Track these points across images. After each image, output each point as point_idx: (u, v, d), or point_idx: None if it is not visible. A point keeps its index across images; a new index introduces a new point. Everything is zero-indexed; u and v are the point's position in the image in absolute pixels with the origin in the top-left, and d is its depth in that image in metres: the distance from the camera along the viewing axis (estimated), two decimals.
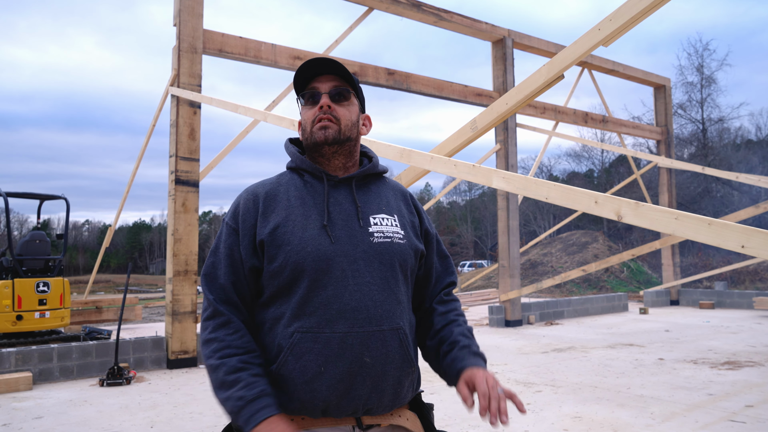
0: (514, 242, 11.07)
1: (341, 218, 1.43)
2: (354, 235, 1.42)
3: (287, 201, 1.45)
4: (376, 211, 1.48)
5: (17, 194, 9.87)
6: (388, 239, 1.44)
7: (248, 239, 1.42)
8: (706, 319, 11.83)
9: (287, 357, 1.34)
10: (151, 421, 4.97)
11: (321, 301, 1.36)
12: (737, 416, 4.72)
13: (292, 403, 1.35)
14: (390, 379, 1.39)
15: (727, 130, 31.57)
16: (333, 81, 1.50)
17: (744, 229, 2.05)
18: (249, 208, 1.45)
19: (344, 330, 1.34)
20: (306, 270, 1.36)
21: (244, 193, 1.50)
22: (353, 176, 1.50)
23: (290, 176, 1.53)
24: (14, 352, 6.56)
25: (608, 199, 2.53)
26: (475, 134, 3.70)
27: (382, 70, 9.59)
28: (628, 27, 2.93)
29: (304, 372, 1.33)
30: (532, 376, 6.50)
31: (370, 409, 1.39)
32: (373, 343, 1.36)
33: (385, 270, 1.42)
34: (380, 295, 1.39)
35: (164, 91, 8.05)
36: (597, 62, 13.25)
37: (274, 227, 1.40)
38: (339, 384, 1.33)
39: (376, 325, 1.37)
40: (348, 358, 1.33)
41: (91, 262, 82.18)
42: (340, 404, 1.35)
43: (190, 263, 7.61)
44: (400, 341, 1.41)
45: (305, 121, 1.51)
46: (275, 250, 1.38)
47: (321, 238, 1.39)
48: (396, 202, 1.55)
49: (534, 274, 24.09)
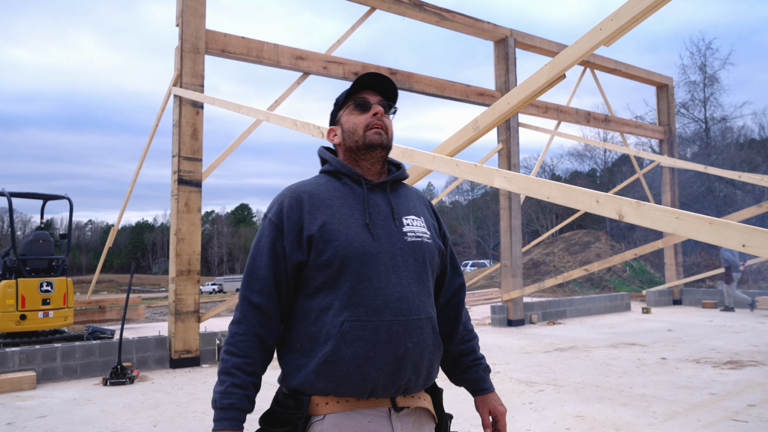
0: (517, 242, 11.07)
1: (380, 218, 1.58)
2: (392, 234, 1.57)
3: (330, 200, 1.58)
4: (406, 213, 1.65)
5: (21, 194, 9.90)
6: (419, 238, 1.62)
7: (293, 235, 1.54)
8: (708, 319, 11.81)
9: (339, 344, 1.47)
10: (154, 420, 4.99)
11: (368, 292, 1.49)
12: (740, 415, 4.71)
13: (344, 387, 1.48)
14: (425, 362, 1.56)
15: (730, 130, 31.49)
16: (379, 98, 1.67)
17: (745, 228, 2.05)
18: (293, 207, 1.57)
19: (390, 318, 1.50)
20: (353, 264, 1.50)
21: (287, 192, 1.61)
22: (387, 181, 1.66)
23: (327, 179, 1.65)
24: (18, 351, 6.58)
25: (609, 198, 2.54)
26: (476, 134, 3.71)
27: (385, 70, 9.60)
28: (630, 26, 2.93)
29: (356, 357, 1.47)
30: (534, 375, 6.50)
31: (409, 389, 1.55)
32: (413, 330, 1.52)
33: (418, 265, 1.58)
34: (416, 288, 1.56)
35: (167, 91, 8.07)
36: (599, 61, 13.23)
37: (322, 224, 1.53)
38: (386, 367, 1.48)
39: (415, 314, 1.54)
40: (394, 343, 1.49)
41: (95, 262, 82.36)
42: (386, 384, 1.50)
43: (193, 263, 7.63)
44: (433, 328, 1.59)
45: (356, 125, 1.64)
46: (323, 245, 1.51)
47: (364, 235, 1.53)
48: (420, 206, 1.72)
49: (536, 273, 24.07)
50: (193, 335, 7.57)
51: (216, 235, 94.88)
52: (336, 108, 1.72)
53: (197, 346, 7.60)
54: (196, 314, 7.61)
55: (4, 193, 9.20)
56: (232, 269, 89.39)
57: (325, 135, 4.86)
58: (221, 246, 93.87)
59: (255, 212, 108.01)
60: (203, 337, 7.75)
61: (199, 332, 7.66)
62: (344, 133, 1.66)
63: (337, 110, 1.72)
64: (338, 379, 1.48)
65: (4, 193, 9.20)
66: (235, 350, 1.52)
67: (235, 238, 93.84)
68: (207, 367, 7.53)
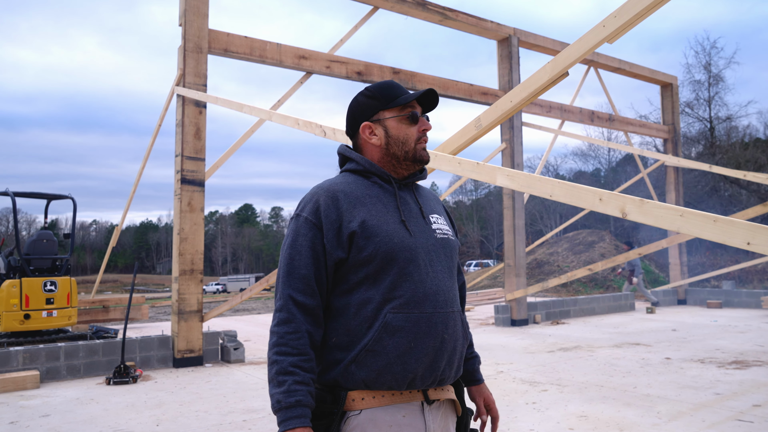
0: (520, 241, 11.04)
1: (412, 216, 1.64)
2: (424, 231, 1.63)
3: (364, 198, 1.61)
4: (431, 212, 1.71)
5: (25, 194, 9.93)
6: (446, 235, 1.69)
7: (333, 232, 1.56)
8: (713, 319, 11.75)
9: (382, 335, 1.50)
10: (157, 419, 4.99)
11: (409, 285, 1.54)
12: (744, 415, 4.68)
13: (384, 376, 1.51)
14: (458, 353, 1.62)
15: (735, 129, 31.34)
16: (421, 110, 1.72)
17: (750, 226, 2.03)
18: (330, 205, 1.58)
19: (431, 311, 1.55)
20: (395, 258, 1.54)
21: (321, 191, 1.62)
22: (413, 180, 1.73)
23: (354, 178, 1.67)
24: (22, 350, 6.60)
25: (612, 196, 2.52)
26: (479, 132, 3.69)
27: (387, 69, 9.59)
28: (633, 24, 2.91)
29: (398, 347, 1.50)
30: (537, 375, 6.48)
31: (443, 379, 1.60)
32: (450, 322, 1.59)
33: (448, 260, 1.66)
34: (449, 282, 1.63)
35: (170, 91, 8.08)
36: (603, 60, 13.18)
37: (362, 220, 1.56)
38: (425, 357, 1.53)
39: (450, 307, 1.60)
40: (433, 335, 1.54)
41: (99, 262, 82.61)
42: (424, 375, 1.54)
43: (196, 262, 7.64)
44: (462, 321, 1.66)
45: (408, 137, 1.67)
46: (364, 241, 1.54)
47: (402, 231, 1.58)
48: (437, 206, 1.79)
49: (540, 273, 24.01)
50: (196, 335, 7.58)
51: (220, 235, 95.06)
52: (377, 104, 1.68)
53: (200, 345, 7.60)
54: (199, 314, 7.62)
55: (8, 193, 9.23)
56: (236, 269, 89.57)
57: (327, 134, 4.85)
58: (225, 246, 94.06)
59: (259, 212, 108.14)
60: (206, 337, 7.76)
61: (202, 332, 7.66)
62: (390, 138, 1.67)
63: (380, 107, 1.68)
64: (379, 368, 1.50)
65: (8, 193, 9.23)
66: (288, 349, 1.50)
67: (239, 238, 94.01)
68: (210, 366, 7.53)
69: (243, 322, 12.84)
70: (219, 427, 4.70)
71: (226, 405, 5.43)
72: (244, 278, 59.30)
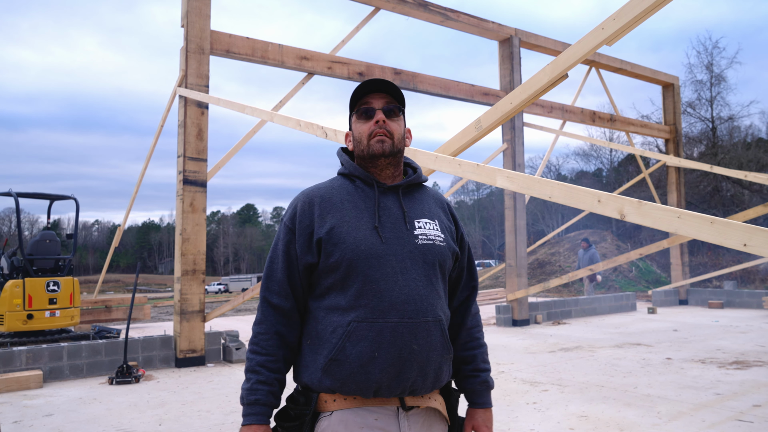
0: (522, 241, 11.05)
1: (390, 221, 1.61)
2: (401, 237, 1.59)
3: (341, 204, 1.62)
4: (419, 216, 1.66)
5: (28, 194, 9.97)
6: (431, 241, 1.63)
7: (304, 238, 1.60)
8: (715, 319, 11.75)
9: (345, 343, 1.51)
10: (160, 418, 5.02)
11: (374, 294, 1.52)
12: (745, 416, 4.70)
13: (348, 385, 1.51)
14: (433, 365, 1.57)
15: (737, 129, 31.29)
16: (384, 98, 1.68)
17: (746, 228, 2.05)
18: (305, 211, 1.62)
19: (396, 320, 1.51)
20: (360, 266, 1.53)
21: (301, 197, 1.67)
22: (400, 185, 1.68)
23: (342, 181, 1.70)
24: (25, 350, 6.63)
25: (611, 197, 2.54)
26: (479, 133, 3.71)
27: (389, 70, 9.61)
28: (633, 25, 2.93)
29: (360, 357, 1.49)
30: (538, 375, 6.50)
31: (415, 390, 1.56)
32: (420, 333, 1.53)
33: (428, 268, 1.60)
34: (425, 290, 1.57)
35: (172, 92, 8.11)
36: (604, 61, 13.19)
37: (330, 227, 1.57)
38: (390, 368, 1.50)
39: (422, 316, 1.55)
40: (399, 345, 1.51)
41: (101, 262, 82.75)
42: (390, 385, 1.52)
43: (198, 263, 7.66)
44: (441, 331, 1.59)
45: (360, 134, 1.67)
46: (332, 248, 1.55)
47: (373, 238, 1.56)
48: (436, 209, 1.73)
49: (542, 273, 24.01)
50: (198, 335, 7.61)
51: (222, 235, 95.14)
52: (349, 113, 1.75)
53: (202, 345, 7.63)
54: (201, 314, 7.64)
55: (11, 194, 9.27)
56: (237, 269, 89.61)
57: (328, 135, 4.88)
58: (227, 246, 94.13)
59: (261, 212, 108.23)
60: (208, 337, 7.78)
61: (204, 332, 7.69)
62: (354, 140, 1.70)
63: (350, 116, 1.74)
64: (343, 377, 1.51)
65: (11, 194, 9.27)
66: (258, 349, 1.58)
67: (241, 238, 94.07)
68: (212, 366, 7.56)
69: (245, 321, 12.87)
70: (221, 427, 4.73)
71: (228, 404, 5.46)
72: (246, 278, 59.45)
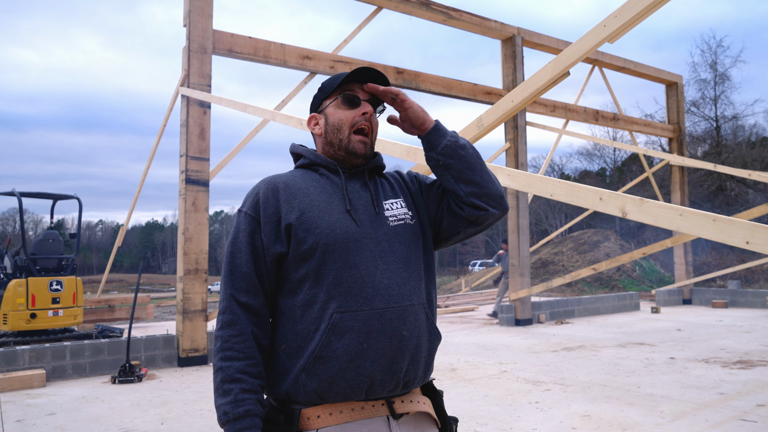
0: (525, 241, 11.03)
1: (361, 204, 1.50)
2: (374, 220, 1.49)
3: (307, 190, 1.50)
4: (386, 198, 1.56)
5: (31, 194, 10.00)
6: (401, 221, 1.53)
7: (271, 226, 1.45)
8: (718, 318, 11.71)
9: (329, 338, 1.36)
10: (162, 417, 5.02)
11: (355, 280, 1.40)
12: (748, 415, 4.67)
13: (338, 384, 1.37)
14: (423, 351, 1.46)
15: (742, 128, 31.20)
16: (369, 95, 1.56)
17: (749, 225, 2.03)
18: (269, 197, 1.48)
19: (382, 306, 1.40)
20: (337, 251, 1.41)
21: (262, 184, 1.52)
22: (365, 168, 1.57)
23: (303, 172, 1.57)
24: (28, 349, 6.65)
25: (613, 195, 2.52)
26: (481, 132, 3.70)
27: (391, 69, 9.60)
28: (634, 23, 2.91)
29: (348, 350, 1.36)
30: (541, 374, 6.48)
31: (408, 382, 1.45)
32: (408, 317, 1.43)
33: (405, 249, 1.50)
34: (405, 273, 1.47)
35: (174, 92, 8.12)
36: (607, 59, 13.15)
37: (301, 212, 1.44)
38: (382, 358, 1.38)
39: (408, 300, 1.44)
40: (388, 332, 1.39)
41: (104, 262, 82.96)
42: (383, 379, 1.39)
43: (201, 262, 7.67)
44: (426, 315, 1.49)
45: (341, 122, 1.54)
46: (304, 234, 1.42)
47: (347, 221, 1.45)
48: (396, 187, 1.62)
49: (545, 273, 23.98)
50: (201, 334, 7.61)
51: (225, 235, 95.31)
52: (321, 95, 1.60)
53: (205, 344, 7.64)
54: (204, 313, 7.65)
55: (14, 193, 9.29)
56: None
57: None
58: None
59: None
60: (210, 336, 7.79)
61: (206, 331, 7.69)
62: (328, 125, 1.56)
63: (323, 98, 1.60)
64: (330, 376, 1.36)
65: (14, 193, 9.29)
66: (233, 354, 1.38)
67: None
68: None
69: None
70: None
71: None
72: None
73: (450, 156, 1.54)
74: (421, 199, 1.63)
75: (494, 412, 4.94)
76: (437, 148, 1.55)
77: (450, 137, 1.56)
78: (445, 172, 1.55)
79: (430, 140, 1.57)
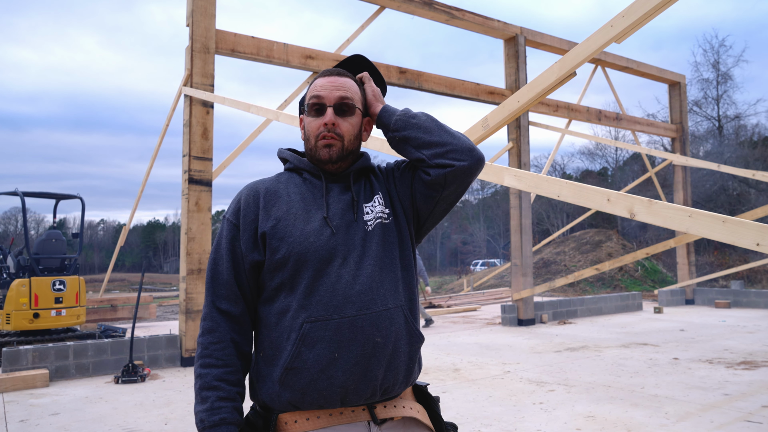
0: (527, 241, 11.01)
1: (339, 210, 1.48)
2: (350, 225, 1.46)
3: (287, 196, 1.50)
4: (366, 200, 1.53)
5: (34, 194, 10.01)
6: (378, 221, 1.50)
7: (249, 233, 1.46)
8: (722, 319, 11.69)
9: (300, 348, 1.36)
10: (165, 418, 5.02)
11: (326, 289, 1.39)
12: (753, 416, 4.66)
13: (310, 395, 1.36)
14: (402, 356, 1.43)
15: (744, 127, 31.14)
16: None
17: (759, 227, 2.02)
18: (249, 204, 1.49)
19: (353, 314, 1.37)
20: (309, 260, 1.40)
21: (244, 190, 1.54)
22: (350, 171, 1.55)
23: (289, 175, 1.58)
24: (31, 349, 6.65)
25: (621, 196, 2.51)
26: (486, 132, 3.69)
27: (394, 69, 9.59)
28: (641, 23, 2.90)
29: (319, 360, 1.35)
30: (544, 375, 6.47)
31: (387, 389, 1.42)
32: (382, 323, 1.39)
33: (381, 251, 1.46)
34: (380, 276, 1.43)
35: (177, 91, 8.12)
36: (610, 59, 13.13)
37: (276, 220, 1.45)
38: (355, 367, 1.36)
39: (382, 304, 1.41)
40: (360, 340, 1.36)
41: (107, 261, 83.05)
42: (358, 388, 1.37)
43: (204, 262, 7.67)
44: (405, 317, 1.45)
45: (309, 132, 1.54)
46: (277, 243, 1.42)
47: (322, 229, 1.43)
48: (377, 183, 1.60)
49: (547, 273, 23.95)
50: None
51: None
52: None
53: None
54: None
55: (17, 193, 9.30)
56: None
57: None
58: None
59: None
60: None
61: None
62: (304, 131, 1.57)
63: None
64: (303, 387, 1.36)
65: (17, 193, 9.30)
66: (212, 361, 1.40)
67: None
68: None
69: None
70: None
71: None
72: None
73: (402, 128, 1.54)
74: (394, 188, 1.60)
75: (498, 412, 4.93)
76: (390, 126, 1.55)
77: (399, 113, 1.56)
78: (405, 145, 1.55)
79: (382, 123, 1.58)
